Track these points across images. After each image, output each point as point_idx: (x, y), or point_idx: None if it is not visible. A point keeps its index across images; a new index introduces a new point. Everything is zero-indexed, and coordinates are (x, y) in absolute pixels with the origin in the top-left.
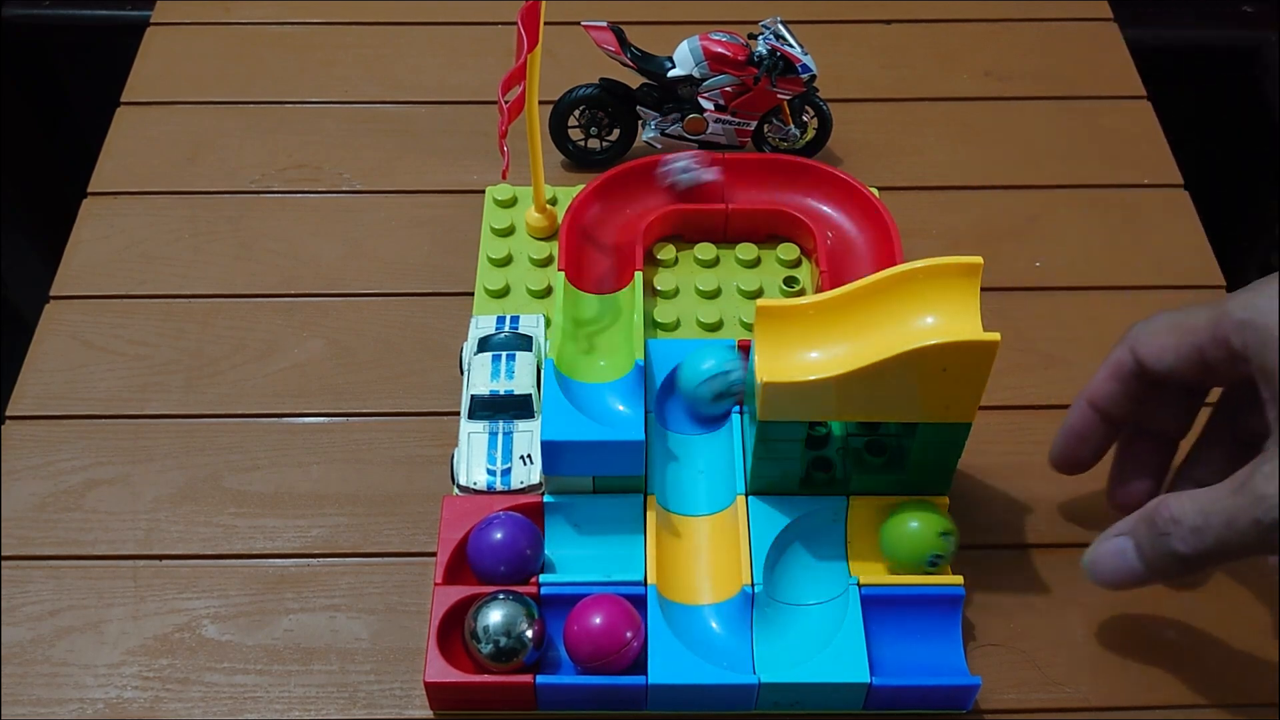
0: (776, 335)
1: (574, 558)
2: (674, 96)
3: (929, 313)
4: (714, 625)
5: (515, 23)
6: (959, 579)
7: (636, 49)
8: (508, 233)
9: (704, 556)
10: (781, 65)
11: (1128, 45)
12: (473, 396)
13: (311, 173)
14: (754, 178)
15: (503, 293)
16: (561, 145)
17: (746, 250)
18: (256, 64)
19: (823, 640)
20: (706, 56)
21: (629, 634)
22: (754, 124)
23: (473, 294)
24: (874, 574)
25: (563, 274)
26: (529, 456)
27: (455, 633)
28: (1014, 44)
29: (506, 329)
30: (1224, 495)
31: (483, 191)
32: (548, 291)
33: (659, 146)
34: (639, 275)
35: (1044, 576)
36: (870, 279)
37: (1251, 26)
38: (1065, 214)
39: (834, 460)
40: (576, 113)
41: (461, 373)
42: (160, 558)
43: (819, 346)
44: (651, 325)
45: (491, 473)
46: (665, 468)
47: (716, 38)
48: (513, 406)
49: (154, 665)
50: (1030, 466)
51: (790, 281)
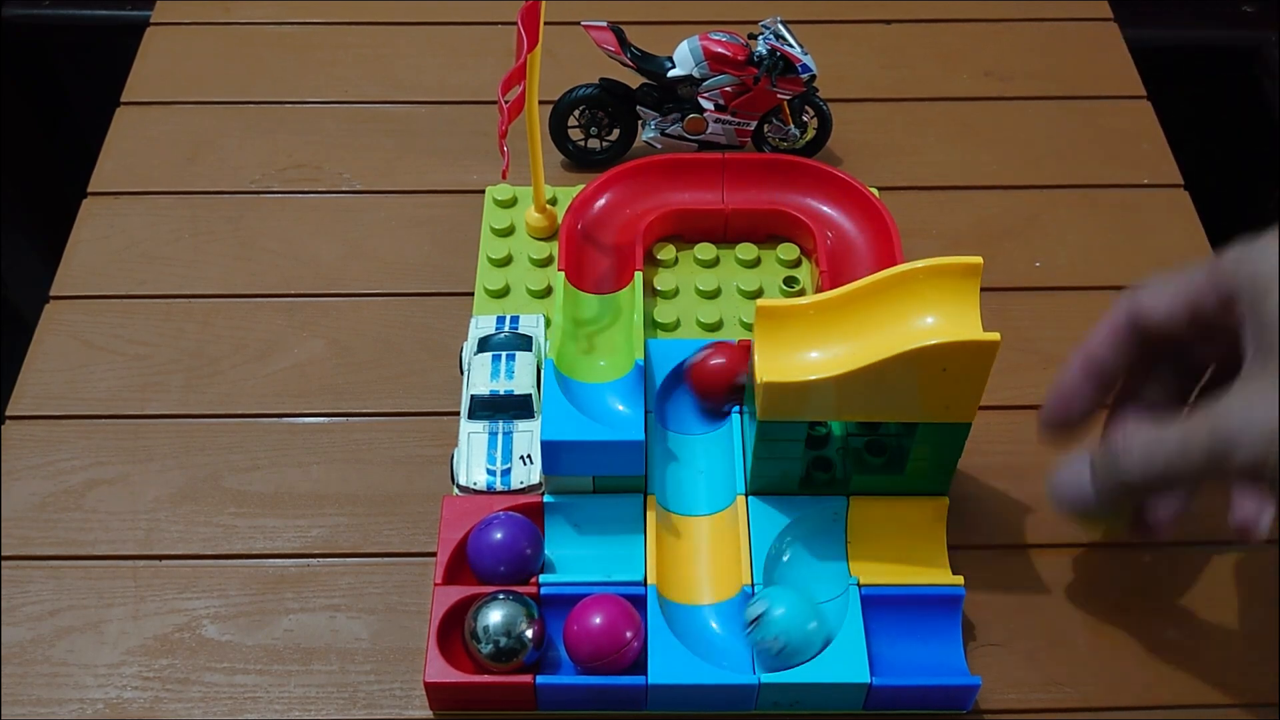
0: (776, 335)
1: (574, 558)
2: (674, 96)
3: (929, 313)
4: (714, 625)
5: (515, 23)
6: (959, 579)
7: (636, 49)
8: (508, 233)
9: (704, 556)
10: (781, 65)
11: (1128, 45)
12: (473, 396)
13: (311, 173)
14: (754, 178)
15: (503, 293)
16: (561, 145)
17: (746, 250)
18: (256, 64)
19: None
20: (706, 56)
21: (629, 634)
22: (754, 124)
23: (473, 294)
24: (874, 574)
25: (563, 274)
26: (529, 456)
27: (455, 633)
28: (1014, 44)
29: (506, 329)
30: (1181, 422)
31: (483, 191)
32: (548, 291)
33: (659, 146)
34: (639, 275)
35: (1044, 576)
36: (870, 279)
37: (1251, 26)
38: (1065, 214)
39: (834, 460)
40: (576, 113)
41: (461, 373)
42: (160, 558)
43: (819, 346)
44: (651, 325)
45: (491, 473)
46: (665, 468)
47: (716, 38)
48: (513, 406)
49: (154, 665)
50: (1030, 466)
51: (790, 281)
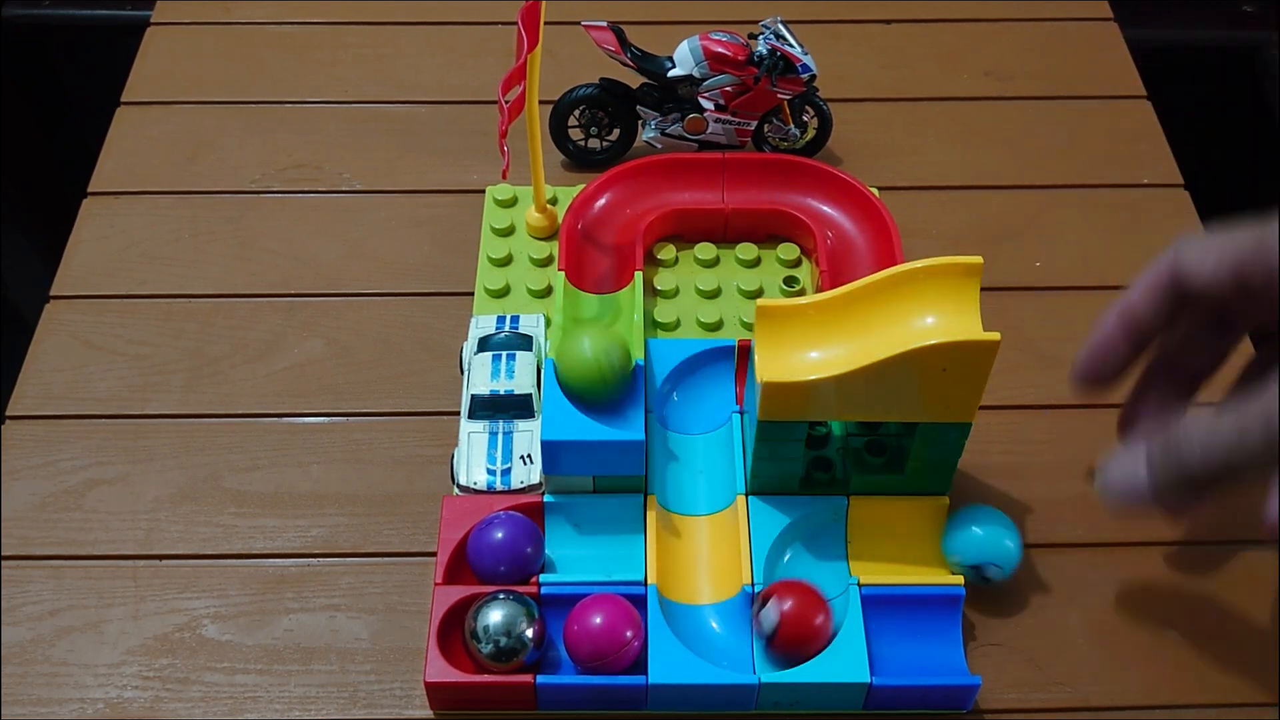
0: (776, 335)
1: (574, 558)
2: (674, 96)
3: (929, 313)
4: (714, 625)
5: (515, 23)
6: (959, 579)
7: (636, 49)
8: (508, 232)
9: (704, 556)
10: (781, 65)
11: (1128, 45)
12: (473, 396)
13: (311, 173)
14: (754, 178)
15: (503, 292)
16: (561, 145)
17: (746, 250)
18: (256, 64)
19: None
20: (706, 56)
21: (629, 634)
22: (754, 124)
23: (473, 294)
24: (874, 574)
25: (563, 274)
26: (529, 456)
27: (455, 633)
28: (1014, 44)
29: (506, 329)
30: (1233, 408)
31: (483, 191)
32: (548, 291)
33: (659, 146)
34: (639, 275)
35: (1044, 576)
36: (870, 279)
37: (1251, 26)
38: (1065, 214)
39: (834, 460)
40: (576, 113)
41: (461, 373)
42: (160, 558)
43: (819, 346)
44: (651, 325)
45: (491, 473)
46: (665, 468)
47: (716, 37)
48: (513, 406)
49: (154, 665)
50: (1030, 466)
51: (790, 281)
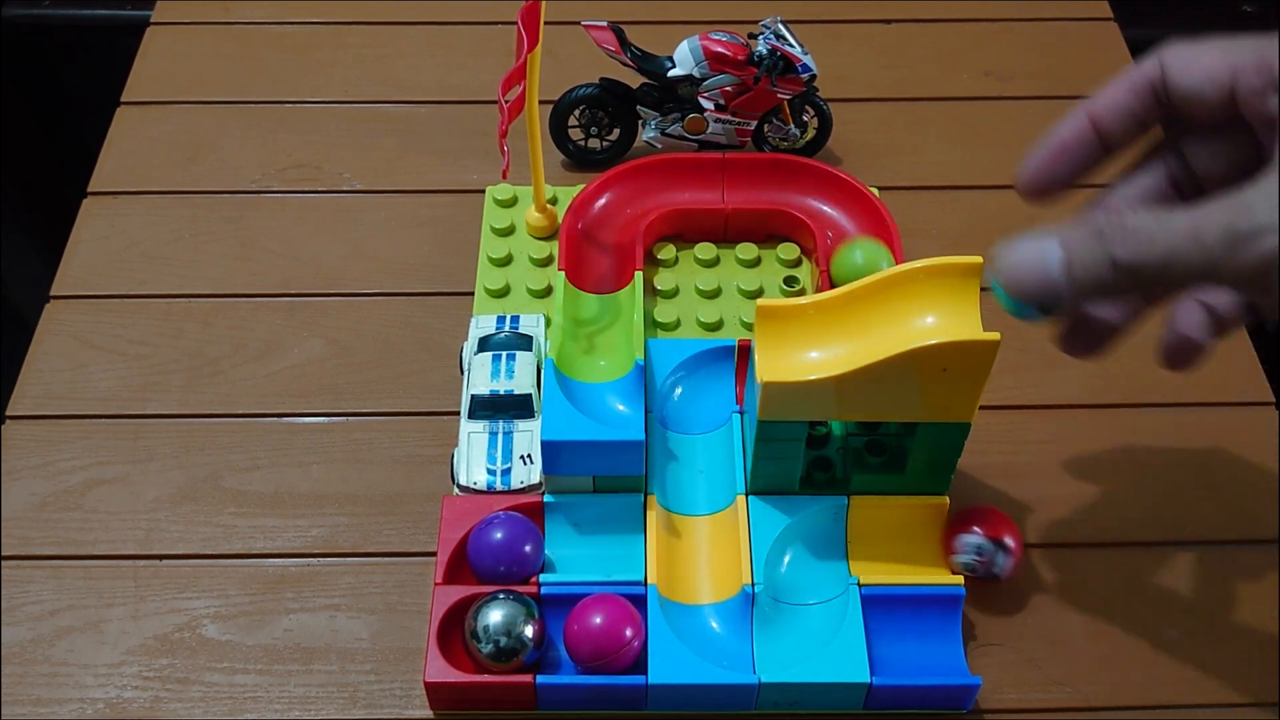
0: (776, 335)
1: (574, 558)
2: (674, 96)
3: (929, 312)
4: (714, 625)
5: (515, 23)
6: (959, 579)
7: (636, 49)
8: (508, 232)
9: (704, 556)
10: (781, 65)
11: (1128, 45)
12: (473, 396)
13: (311, 173)
14: (754, 178)
15: (503, 292)
16: (561, 145)
17: (746, 250)
18: (256, 64)
19: (823, 640)
20: (707, 56)
21: (629, 634)
22: (754, 124)
23: (473, 294)
24: (874, 574)
25: (563, 274)
26: (529, 456)
27: (455, 633)
28: (1014, 44)
29: (506, 329)
30: (1194, 205)
31: (483, 191)
32: (548, 291)
33: (659, 146)
34: (639, 275)
35: (1044, 576)
36: (870, 279)
37: (1251, 26)
38: (1065, 214)
39: (834, 460)
40: (576, 113)
41: (461, 373)
42: (160, 558)
43: (819, 346)
44: (651, 325)
45: (491, 472)
46: (665, 468)
47: (716, 37)
48: (513, 406)
49: (154, 665)
50: (1030, 466)
51: (790, 281)
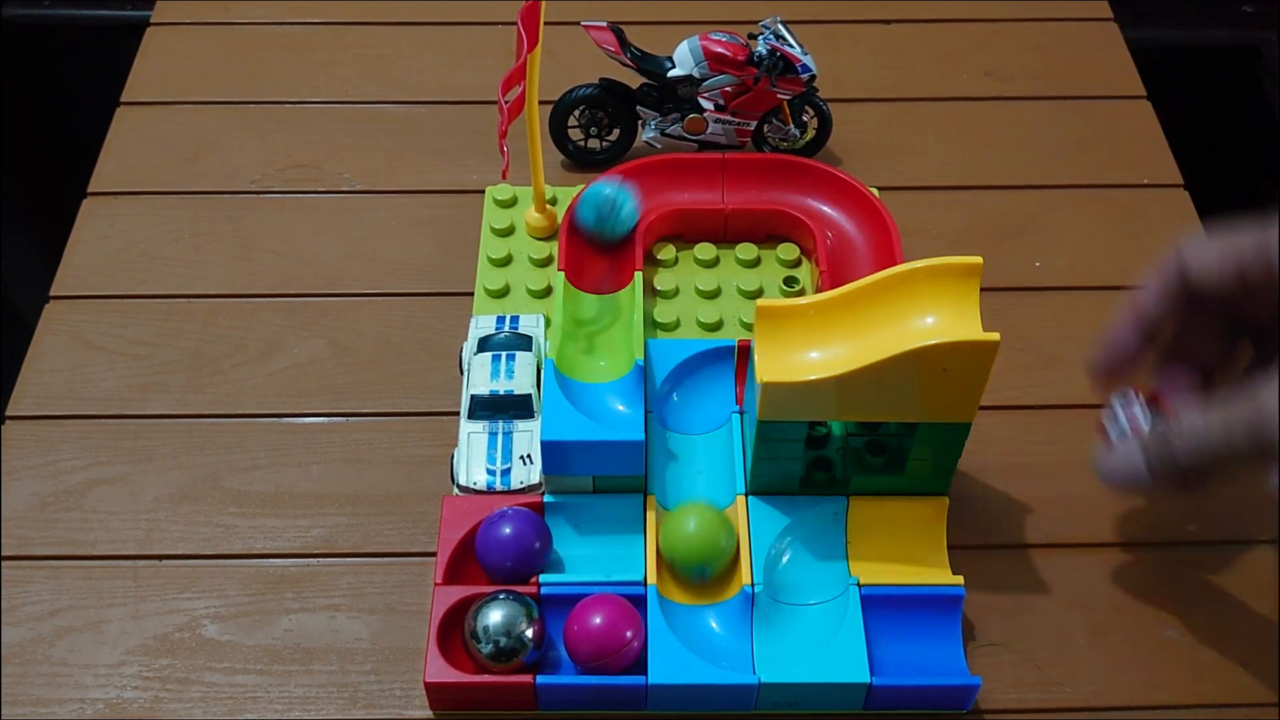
0: (776, 335)
1: (574, 558)
2: (674, 96)
3: (929, 313)
4: (714, 625)
5: (515, 23)
6: (959, 579)
7: (636, 49)
8: (508, 233)
9: None
10: (781, 65)
11: (1128, 45)
12: (473, 396)
13: (311, 173)
14: (754, 178)
15: (503, 293)
16: (561, 145)
17: (746, 250)
18: (256, 64)
19: (823, 640)
20: (706, 56)
21: (629, 634)
22: (754, 124)
23: (473, 294)
24: (874, 574)
25: (563, 274)
26: (529, 456)
27: (455, 633)
28: (1014, 44)
29: (506, 329)
30: (1223, 406)
31: (483, 191)
32: (548, 291)
33: (659, 146)
34: (639, 275)
35: (1044, 576)
36: (870, 279)
37: (1251, 26)
38: (1065, 214)
39: (834, 460)
40: (576, 113)
41: (461, 373)
42: (160, 558)
43: (819, 346)
44: (651, 325)
45: (491, 473)
46: (665, 468)
47: (716, 38)
48: (513, 406)
49: (154, 665)
50: (1030, 466)
51: (790, 281)
